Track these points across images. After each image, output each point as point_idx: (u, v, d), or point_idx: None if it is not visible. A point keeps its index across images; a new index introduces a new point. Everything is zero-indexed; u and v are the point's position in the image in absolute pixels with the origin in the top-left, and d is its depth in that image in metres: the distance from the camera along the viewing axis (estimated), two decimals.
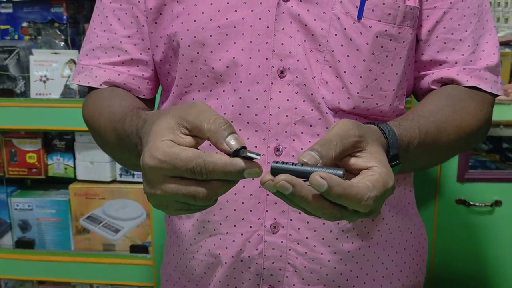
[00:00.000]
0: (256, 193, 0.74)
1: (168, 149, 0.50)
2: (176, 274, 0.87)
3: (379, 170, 0.53)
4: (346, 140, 0.54)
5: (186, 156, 0.49)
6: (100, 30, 0.80)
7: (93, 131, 0.80)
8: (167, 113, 0.53)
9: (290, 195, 0.49)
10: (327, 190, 0.48)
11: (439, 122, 0.72)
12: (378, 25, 0.71)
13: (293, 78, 0.72)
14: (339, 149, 0.53)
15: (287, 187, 0.49)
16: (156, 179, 0.52)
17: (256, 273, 0.78)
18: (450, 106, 0.74)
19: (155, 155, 0.50)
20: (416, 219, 0.88)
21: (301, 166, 0.50)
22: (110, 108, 0.74)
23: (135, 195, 1.50)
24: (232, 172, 0.49)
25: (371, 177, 0.52)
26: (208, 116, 0.51)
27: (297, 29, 0.71)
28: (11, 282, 1.62)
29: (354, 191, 0.49)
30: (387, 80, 0.74)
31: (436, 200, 1.40)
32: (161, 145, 0.50)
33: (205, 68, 0.74)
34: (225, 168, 0.49)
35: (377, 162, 0.54)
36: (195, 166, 0.49)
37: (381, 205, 0.55)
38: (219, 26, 0.72)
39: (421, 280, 0.90)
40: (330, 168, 0.50)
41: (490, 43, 0.78)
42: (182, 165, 0.49)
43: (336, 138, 0.53)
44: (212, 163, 0.49)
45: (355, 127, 0.55)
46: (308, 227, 0.75)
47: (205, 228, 0.78)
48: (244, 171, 0.49)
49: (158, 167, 0.50)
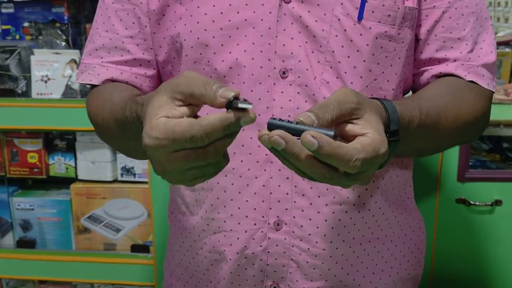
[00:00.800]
0: (260, 191, 0.76)
1: (163, 126, 0.51)
2: (180, 269, 0.88)
3: (372, 136, 0.54)
4: (344, 106, 0.55)
5: (181, 128, 0.50)
6: (103, 30, 0.81)
7: (97, 126, 0.81)
8: (159, 91, 0.54)
9: (282, 151, 0.51)
10: (317, 149, 0.49)
11: (439, 107, 0.73)
12: (378, 26, 0.72)
13: (295, 79, 0.73)
14: (336, 113, 0.54)
15: (280, 142, 0.50)
16: (161, 158, 0.52)
17: (260, 270, 0.79)
18: (450, 94, 0.75)
19: (152, 134, 0.51)
20: (415, 213, 0.89)
21: (296, 124, 0.52)
22: (111, 101, 0.75)
23: (136, 194, 1.51)
24: (230, 125, 0.49)
25: (363, 141, 0.53)
26: (197, 82, 0.51)
27: (299, 30, 0.72)
28: (12, 281, 1.63)
29: (343, 151, 0.51)
30: (387, 80, 0.75)
31: (436, 199, 1.41)
32: (156, 123, 0.51)
33: (208, 69, 0.74)
34: (223, 123, 0.49)
35: (372, 129, 0.55)
36: (194, 135, 0.49)
37: (372, 172, 0.56)
38: (222, 27, 0.73)
39: (419, 272, 0.92)
40: (322, 129, 0.52)
41: (487, 41, 0.79)
42: (180, 137, 0.50)
43: (333, 103, 0.55)
44: (209, 125, 0.49)
45: (354, 95, 0.56)
46: (310, 224, 0.76)
47: (210, 225, 0.80)
48: (240, 119, 0.49)
49: (159, 146, 0.51)
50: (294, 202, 0.76)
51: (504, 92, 1.68)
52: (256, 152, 0.75)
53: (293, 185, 0.75)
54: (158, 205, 1.45)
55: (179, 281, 0.89)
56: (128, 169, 1.52)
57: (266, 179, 0.75)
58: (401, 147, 0.67)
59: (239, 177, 0.76)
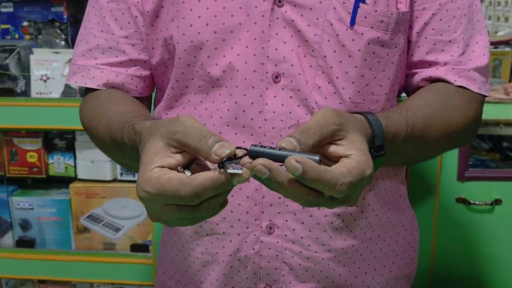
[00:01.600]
0: (253, 195, 0.75)
1: (155, 181, 0.51)
2: (172, 268, 0.88)
3: (357, 158, 0.54)
4: (325, 129, 0.54)
5: (172, 187, 0.50)
6: (98, 30, 0.80)
7: (92, 136, 0.81)
8: (155, 134, 0.54)
9: (266, 179, 0.50)
10: (302, 174, 0.49)
11: (427, 117, 0.72)
12: (371, 32, 0.72)
13: (288, 83, 0.73)
14: (317, 137, 0.54)
15: (263, 171, 0.49)
16: (155, 209, 0.53)
17: (253, 272, 0.79)
18: (439, 102, 0.74)
19: (145, 189, 0.52)
20: (408, 211, 0.89)
21: (278, 150, 0.51)
22: (107, 114, 0.74)
23: (136, 194, 1.50)
24: (222, 185, 0.49)
25: (348, 164, 0.53)
26: (193, 134, 0.52)
27: (291, 34, 0.72)
28: (11, 281, 1.63)
29: (328, 176, 0.50)
30: (379, 85, 0.75)
31: (436, 199, 1.40)
32: (150, 177, 0.51)
33: (202, 72, 0.74)
34: (214, 184, 0.49)
35: (356, 151, 0.54)
36: (185, 196, 0.49)
37: (358, 194, 0.55)
38: (216, 31, 0.72)
39: (413, 270, 0.91)
40: (306, 154, 0.51)
41: (480, 43, 0.78)
42: (171, 196, 0.50)
43: (315, 127, 0.54)
44: (200, 186, 0.49)
45: (335, 116, 0.56)
46: (303, 228, 0.76)
47: (202, 227, 0.79)
48: (233, 180, 0.49)
49: (152, 200, 0.52)
50: (287, 206, 0.75)
51: (504, 91, 1.68)
52: None
53: None
54: None
55: (171, 279, 0.89)
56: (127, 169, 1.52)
57: (258, 183, 0.74)
58: (388, 159, 0.67)
59: None
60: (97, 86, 0.80)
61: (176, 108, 0.78)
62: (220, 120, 0.74)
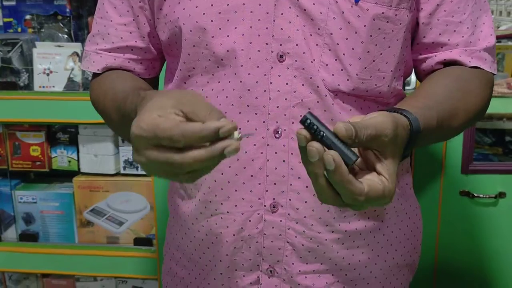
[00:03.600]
0: (256, 174, 0.76)
1: (151, 120, 0.55)
2: (178, 253, 0.89)
3: (385, 183, 0.57)
4: (379, 137, 0.57)
5: (165, 126, 0.53)
6: (99, 17, 0.84)
7: (100, 111, 0.85)
8: (166, 94, 0.58)
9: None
10: (331, 171, 0.53)
11: (451, 108, 0.74)
12: (375, 7, 0.73)
13: (292, 62, 0.74)
14: (369, 139, 0.56)
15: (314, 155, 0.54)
16: (140, 147, 0.56)
17: (256, 253, 0.80)
18: (460, 90, 0.76)
19: (140, 124, 0.55)
20: (412, 200, 0.90)
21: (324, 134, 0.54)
22: (113, 89, 0.79)
23: (139, 187, 1.50)
24: (208, 134, 0.53)
25: (373, 185, 0.56)
26: (204, 107, 0.56)
27: (296, 14, 0.73)
28: (15, 275, 1.63)
29: (349, 187, 0.54)
30: (385, 62, 0.76)
31: (440, 192, 1.40)
32: (147, 116, 0.55)
33: (207, 53, 0.75)
34: (202, 131, 0.53)
35: (388, 175, 0.57)
36: (174, 134, 0.53)
37: (367, 207, 0.58)
38: (220, 11, 0.73)
39: (415, 259, 0.92)
40: (349, 149, 0.55)
41: (487, 24, 0.81)
42: (161, 133, 0.53)
43: (371, 129, 0.56)
44: (189, 129, 0.53)
45: (391, 128, 0.58)
46: (306, 207, 0.77)
47: (207, 208, 0.81)
48: (219, 130, 0.53)
49: (142, 136, 0.55)
50: (290, 185, 0.76)
51: (506, 85, 1.68)
52: None
53: (289, 168, 0.76)
54: (160, 198, 1.45)
55: (177, 264, 0.90)
56: (130, 162, 1.51)
57: (262, 162, 0.76)
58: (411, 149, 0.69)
59: (236, 160, 0.76)
60: (97, 70, 0.84)
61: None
62: (225, 100, 0.76)
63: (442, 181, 1.40)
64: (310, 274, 0.81)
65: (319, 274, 0.81)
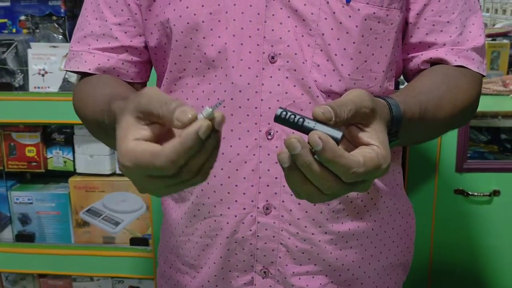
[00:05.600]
0: (249, 176, 0.76)
1: (131, 154, 0.51)
2: (172, 256, 0.89)
3: (377, 150, 0.54)
4: (359, 110, 0.54)
5: (146, 160, 0.50)
6: (92, 18, 0.82)
7: (81, 118, 0.83)
8: (126, 110, 0.54)
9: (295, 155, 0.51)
10: (320, 151, 0.50)
11: (437, 99, 0.74)
12: (366, 8, 0.73)
13: (284, 63, 0.74)
14: (351, 115, 0.54)
15: (295, 146, 0.50)
16: (138, 180, 0.53)
17: (249, 254, 0.80)
18: (446, 84, 0.76)
19: (124, 162, 0.52)
20: (404, 200, 0.90)
21: (303, 120, 0.52)
22: (93, 97, 0.76)
23: (135, 188, 1.50)
24: (192, 144, 0.48)
25: (367, 154, 0.53)
26: (155, 103, 0.51)
27: (288, 15, 0.73)
28: (11, 275, 1.63)
29: (343, 161, 0.51)
30: (377, 62, 0.76)
31: (434, 190, 1.41)
32: (125, 150, 0.51)
33: (198, 54, 0.75)
34: (184, 145, 0.48)
35: (378, 142, 0.55)
36: (160, 166, 0.49)
37: (370, 183, 0.56)
38: (211, 12, 0.73)
39: (409, 259, 0.92)
40: (332, 128, 0.52)
41: (476, 24, 0.80)
42: (148, 168, 0.50)
43: (351, 104, 0.54)
44: (172, 152, 0.49)
45: (370, 100, 0.56)
46: (299, 208, 0.77)
47: (200, 210, 0.80)
48: (198, 132, 0.48)
49: (131, 173, 0.52)
50: (283, 187, 0.76)
51: (502, 83, 1.68)
52: (245, 137, 0.75)
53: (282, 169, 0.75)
54: (156, 198, 1.45)
55: (171, 268, 0.90)
56: None
57: (255, 164, 0.76)
58: (399, 141, 0.68)
59: (228, 162, 0.76)
60: (89, 70, 0.81)
61: (174, 92, 0.79)
62: (217, 102, 0.75)
63: (436, 180, 1.40)
64: (304, 275, 0.81)
65: (313, 275, 0.81)
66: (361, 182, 0.54)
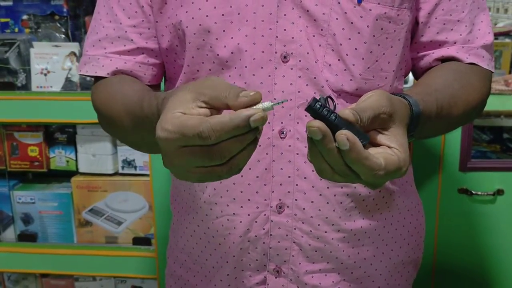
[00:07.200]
0: (262, 175, 0.76)
1: (176, 120, 0.51)
2: (183, 255, 0.89)
3: (398, 153, 0.56)
4: (377, 117, 0.56)
5: (192, 123, 0.50)
6: (106, 21, 0.81)
7: (106, 117, 0.80)
8: (185, 88, 0.55)
9: (317, 141, 0.52)
10: (346, 151, 0.52)
11: (451, 97, 0.75)
12: (378, 8, 0.73)
13: (296, 63, 0.74)
14: (370, 121, 0.55)
15: (317, 134, 0.52)
16: (170, 151, 0.53)
17: (263, 253, 0.80)
18: (458, 81, 0.77)
19: (165, 126, 0.52)
20: (414, 197, 0.91)
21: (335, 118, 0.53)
22: (122, 93, 0.76)
23: (138, 187, 1.50)
24: (239, 124, 0.49)
25: (388, 157, 0.55)
26: (223, 87, 0.52)
27: (299, 15, 0.73)
28: (14, 275, 1.63)
29: (367, 163, 0.53)
30: (387, 61, 0.77)
31: (438, 189, 1.41)
32: (171, 116, 0.52)
33: (211, 55, 0.75)
34: (232, 122, 0.49)
35: (398, 145, 0.57)
36: (202, 131, 0.50)
37: (385, 182, 0.58)
38: (224, 13, 0.73)
39: (419, 256, 0.93)
40: (360, 132, 0.54)
41: (485, 22, 0.82)
42: (190, 132, 0.50)
43: (369, 111, 0.56)
44: (218, 122, 0.49)
45: (388, 105, 0.57)
46: (312, 207, 0.77)
47: (213, 209, 0.80)
48: (250, 118, 0.49)
49: (169, 138, 0.52)
50: (296, 185, 0.76)
51: (504, 82, 1.68)
52: None
53: (295, 168, 0.76)
54: (159, 198, 1.45)
55: (182, 267, 0.90)
56: (129, 162, 1.51)
57: (268, 163, 0.76)
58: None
59: None
60: (107, 74, 0.81)
61: None
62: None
63: (440, 179, 1.40)
64: (317, 273, 0.81)
65: (326, 273, 0.82)
66: (377, 182, 0.56)
